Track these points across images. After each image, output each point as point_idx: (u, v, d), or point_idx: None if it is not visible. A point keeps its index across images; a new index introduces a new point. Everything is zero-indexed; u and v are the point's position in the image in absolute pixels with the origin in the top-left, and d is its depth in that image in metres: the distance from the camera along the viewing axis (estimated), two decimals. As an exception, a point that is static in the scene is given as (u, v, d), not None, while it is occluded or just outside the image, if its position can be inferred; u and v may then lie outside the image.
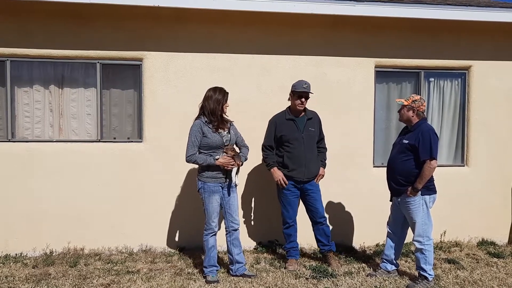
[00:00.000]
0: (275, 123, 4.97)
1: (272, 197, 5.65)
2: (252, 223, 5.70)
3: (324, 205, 5.17)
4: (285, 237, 5.04)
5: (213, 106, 4.40)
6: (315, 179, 4.97)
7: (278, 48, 5.61)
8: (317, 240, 5.06)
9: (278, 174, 4.89)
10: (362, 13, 5.41)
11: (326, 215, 5.31)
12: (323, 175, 5.04)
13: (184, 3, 5.09)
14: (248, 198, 5.64)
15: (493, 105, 6.03)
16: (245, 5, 5.17)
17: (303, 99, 4.84)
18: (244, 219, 5.64)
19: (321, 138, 5.09)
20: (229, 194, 4.53)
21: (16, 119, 5.38)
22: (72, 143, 5.39)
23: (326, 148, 5.14)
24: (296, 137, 4.86)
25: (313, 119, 4.99)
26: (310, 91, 4.87)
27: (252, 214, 5.68)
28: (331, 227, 5.14)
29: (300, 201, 5.08)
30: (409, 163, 4.37)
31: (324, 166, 5.06)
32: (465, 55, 5.97)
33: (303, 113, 4.96)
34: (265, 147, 5.03)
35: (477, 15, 5.61)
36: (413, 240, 4.44)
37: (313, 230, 5.04)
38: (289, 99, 4.98)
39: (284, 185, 4.87)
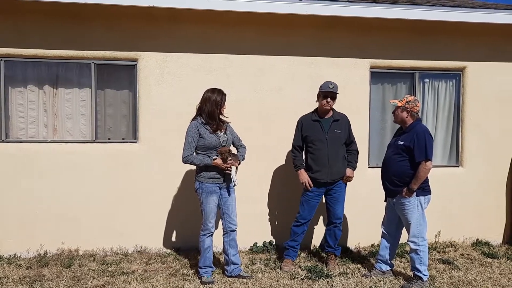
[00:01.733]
0: (301, 123, 4.99)
1: (269, 197, 5.67)
2: (248, 224, 5.67)
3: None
4: (291, 234, 5.03)
5: (211, 109, 4.39)
6: (343, 180, 4.96)
7: (273, 48, 5.62)
8: (325, 240, 5.09)
9: (304, 176, 4.89)
10: (356, 14, 5.42)
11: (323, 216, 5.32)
12: (351, 177, 4.99)
13: (179, 4, 5.08)
14: (244, 199, 5.61)
15: (487, 106, 6.05)
16: (239, 6, 5.17)
17: (328, 99, 4.82)
18: (239, 220, 5.63)
19: (351, 141, 5.05)
20: (227, 195, 4.52)
21: (10, 119, 5.35)
22: (66, 144, 5.36)
23: (357, 151, 5.09)
24: (320, 138, 4.85)
25: (340, 121, 4.96)
26: (337, 92, 4.86)
27: (248, 215, 5.66)
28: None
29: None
30: (404, 164, 4.37)
31: (352, 168, 5.01)
32: (460, 56, 6.00)
33: (330, 115, 4.95)
34: (294, 148, 5.03)
35: (471, 17, 5.64)
36: (408, 240, 4.46)
37: (326, 229, 5.07)
38: (317, 101, 4.98)
39: (308, 188, 4.87)
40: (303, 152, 5.03)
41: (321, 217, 5.76)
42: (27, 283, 4.38)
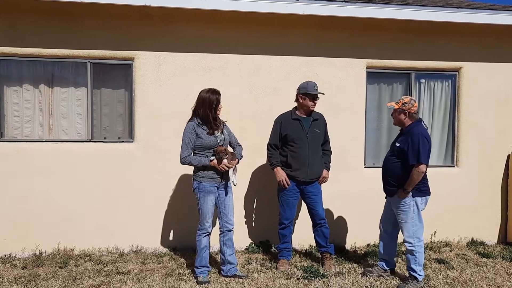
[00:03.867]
0: (281, 122, 4.96)
1: (264, 197, 5.67)
2: (244, 223, 5.68)
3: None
4: (280, 237, 5.03)
5: (205, 110, 4.37)
6: (318, 181, 4.97)
7: (269, 48, 5.61)
8: (316, 241, 5.08)
9: (281, 174, 4.88)
10: (353, 14, 5.43)
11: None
12: (327, 178, 5.03)
13: (175, 3, 5.07)
14: (240, 199, 5.62)
15: (483, 106, 6.08)
16: (236, 5, 5.16)
17: (316, 100, 4.87)
18: (235, 219, 5.63)
19: (325, 141, 5.08)
20: (225, 194, 4.52)
21: (5, 118, 5.32)
22: (62, 143, 5.34)
23: (331, 151, 5.12)
24: (300, 137, 4.85)
25: (319, 121, 4.99)
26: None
27: (244, 214, 5.67)
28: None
29: (302, 201, 5.10)
30: (397, 166, 4.39)
31: (328, 168, 5.04)
32: (456, 57, 6.02)
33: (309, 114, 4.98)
34: (270, 146, 5.00)
35: (467, 17, 5.66)
36: (404, 241, 4.47)
37: (313, 231, 5.06)
38: (296, 100, 4.96)
39: (286, 186, 4.87)
40: (279, 151, 5.00)
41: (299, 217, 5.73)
42: (22, 283, 4.36)
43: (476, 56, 6.04)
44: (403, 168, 4.35)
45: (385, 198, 4.73)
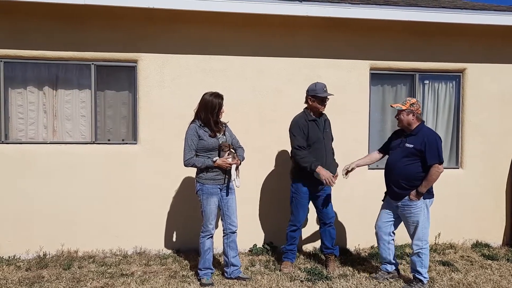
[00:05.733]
0: (301, 123, 4.82)
1: (268, 199, 5.67)
2: (247, 225, 5.67)
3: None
4: (288, 239, 5.00)
5: (207, 116, 4.38)
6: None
7: (273, 50, 5.61)
8: (322, 242, 5.05)
9: (326, 172, 4.64)
10: (356, 16, 5.42)
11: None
12: (337, 176, 4.98)
13: (179, 5, 5.08)
14: (243, 200, 5.60)
15: (487, 107, 6.05)
16: (240, 7, 5.17)
17: (325, 102, 4.87)
18: (239, 221, 5.62)
19: (332, 139, 5.08)
20: (227, 196, 4.51)
21: (10, 120, 5.34)
22: (66, 145, 5.36)
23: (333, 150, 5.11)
24: (319, 138, 4.83)
25: (327, 121, 5.01)
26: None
27: (247, 216, 5.66)
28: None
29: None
30: (414, 167, 4.33)
31: (337, 166, 5.03)
32: (460, 58, 6.00)
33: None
34: (299, 147, 4.74)
35: (471, 18, 5.64)
36: (412, 243, 4.43)
37: (320, 231, 5.04)
38: (306, 102, 4.91)
39: (332, 184, 4.66)
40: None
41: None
42: (26, 285, 4.38)
43: (480, 57, 6.02)
44: (422, 168, 4.31)
45: (382, 200, 4.70)
